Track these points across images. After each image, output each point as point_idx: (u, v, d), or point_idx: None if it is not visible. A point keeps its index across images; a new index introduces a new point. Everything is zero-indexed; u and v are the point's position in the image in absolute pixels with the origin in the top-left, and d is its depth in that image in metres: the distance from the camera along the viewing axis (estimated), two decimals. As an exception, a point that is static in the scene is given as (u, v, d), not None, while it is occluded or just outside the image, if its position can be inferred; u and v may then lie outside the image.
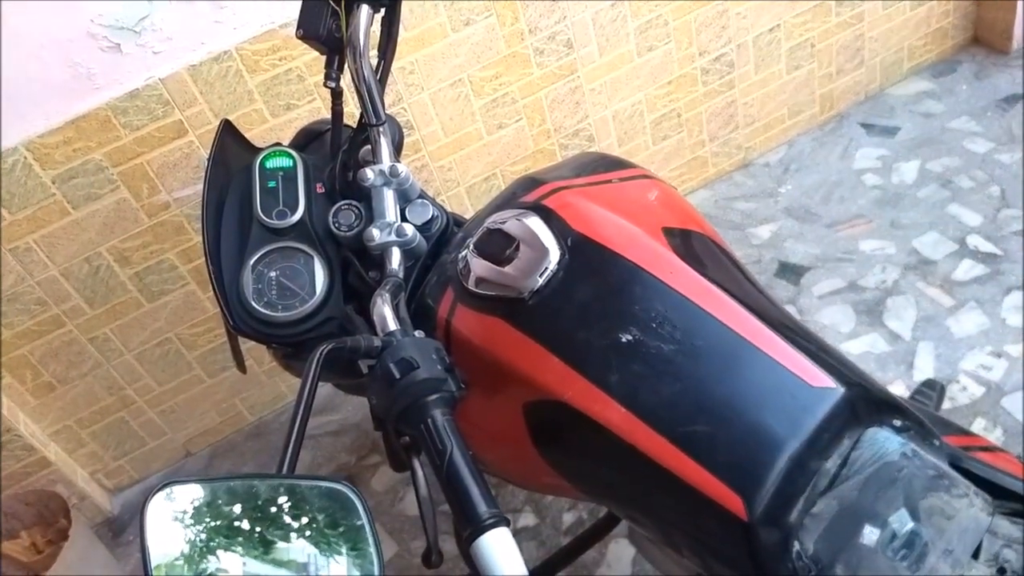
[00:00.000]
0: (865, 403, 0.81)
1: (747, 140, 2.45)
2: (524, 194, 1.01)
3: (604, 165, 1.08)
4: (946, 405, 1.75)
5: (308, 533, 0.65)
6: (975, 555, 0.77)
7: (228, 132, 1.21)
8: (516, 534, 1.75)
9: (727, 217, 2.35)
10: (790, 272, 2.14)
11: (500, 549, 0.70)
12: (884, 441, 0.80)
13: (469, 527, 0.71)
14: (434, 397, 0.80)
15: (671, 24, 2.10)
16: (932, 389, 1.43)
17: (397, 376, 0.79)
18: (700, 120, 2.32)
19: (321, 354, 0.76)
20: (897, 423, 0.82)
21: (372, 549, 0.65)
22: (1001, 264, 2.00)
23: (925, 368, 1.84)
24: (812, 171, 2.41)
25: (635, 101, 2.19)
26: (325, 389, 2.17)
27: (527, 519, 1.80)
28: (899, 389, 1.80)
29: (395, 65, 1.82)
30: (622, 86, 2.14)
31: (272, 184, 1.10)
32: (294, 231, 1.08)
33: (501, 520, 0.72)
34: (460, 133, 2.01)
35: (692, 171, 2.42)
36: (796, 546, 0.76)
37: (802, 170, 2.42)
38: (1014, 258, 2.00)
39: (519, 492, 1.84)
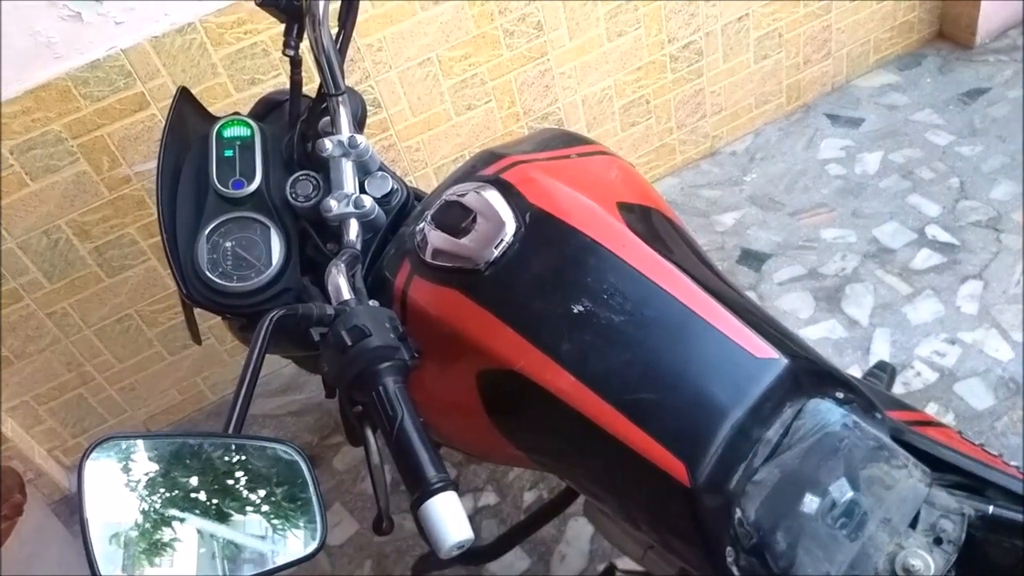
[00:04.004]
0: (808, 375, 0.83)
1: (714, 128, 2.47)
2: (483, 167, 1.02)
3: (564, 141, 1.08)
4: (900, 390, 1.79)
5: (253, 492, 0.65)
6: (913, 524, 0.79)
7: (186, 100, 1.19)
8: (477, 512, 1.77)
9: (693, 204, 2.37)
10: (752, 259, 2.17)
11: (447, 512, 0.71)
12: (826, 412, 0.81)
13: (417, 491, 0.72)
14: (386, 365, 0.80)
15: (641, 10, 2.10)
16: (883, 371, 1.46)
17: (349, 343, 0.80)
18: (668, 107, 2.34)
19: (272, 319, 0.76)
20: (840, 395, 0.84)
21: (316, 507, 0.66)
22: (958, 254, 2.04)
23: (881, 354, 1.88)
24: (777, 160, 2.44)
25: (605, 86, 2.20)
26: (288, 369, 2.16)
27: (488, 498, 1.81)
28: (855, 373, 1.83)
29: (363, 42, 1.82)
30: (592, 71, 2.15)
31: (229, 153, 1.09)
32: (251, 201, 1.07)
33: (449, 484, 0.72)
34: (428, 113, 2.00)
35: (660, 158, 2.44)
36: (738, 513, 0.77)
37: (767, 159, 2.45)
38: (971, 248, 2.04)
39: (481, 471, 1.85)
